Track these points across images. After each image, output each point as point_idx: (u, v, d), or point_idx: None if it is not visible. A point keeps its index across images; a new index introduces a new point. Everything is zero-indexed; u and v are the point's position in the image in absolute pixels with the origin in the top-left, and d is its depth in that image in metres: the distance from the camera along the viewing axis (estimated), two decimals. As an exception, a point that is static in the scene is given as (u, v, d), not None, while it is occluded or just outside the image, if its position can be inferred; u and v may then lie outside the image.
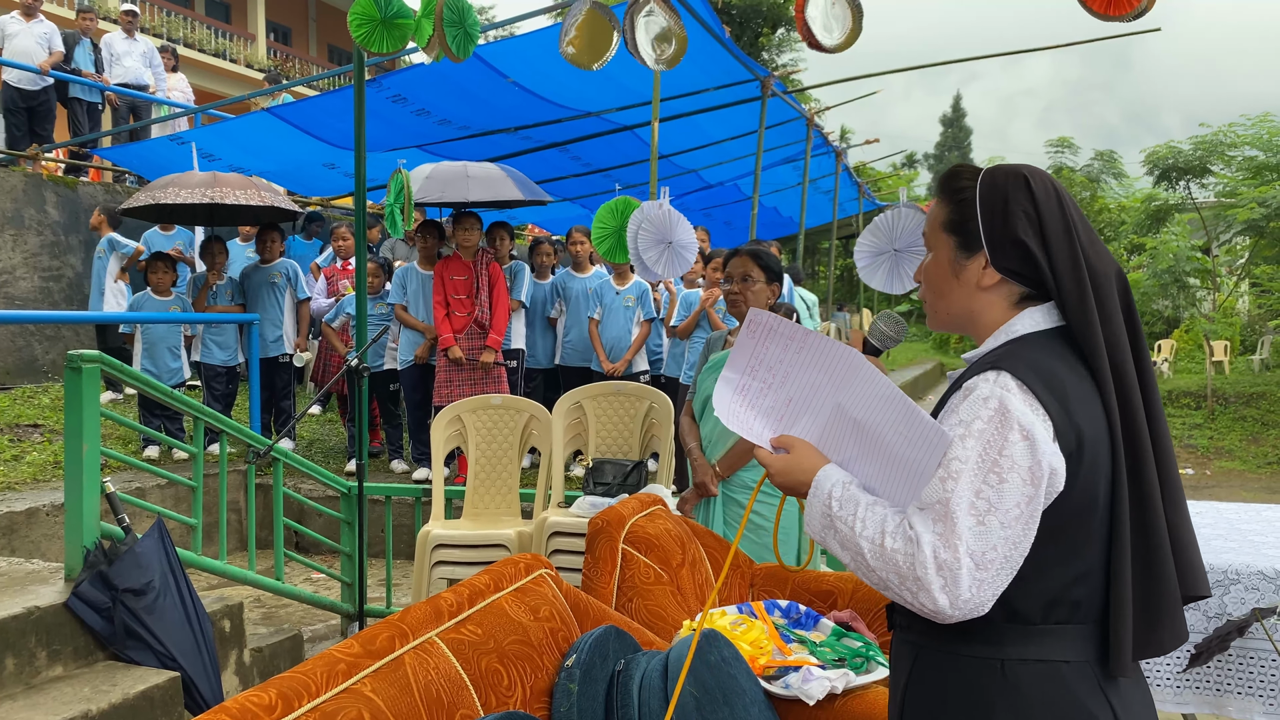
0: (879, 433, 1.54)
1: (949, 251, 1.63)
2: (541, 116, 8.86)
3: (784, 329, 1.68)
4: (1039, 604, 1.49)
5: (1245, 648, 3.03)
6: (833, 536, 1.52)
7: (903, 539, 1.44)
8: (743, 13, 25.44)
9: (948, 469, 1.44)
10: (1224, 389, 16.63)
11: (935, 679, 1.56)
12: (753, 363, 1.71)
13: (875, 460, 1.55)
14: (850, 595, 3.35)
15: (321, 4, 27.95)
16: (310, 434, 8.43)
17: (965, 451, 1.44)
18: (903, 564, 1.43)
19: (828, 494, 1.54)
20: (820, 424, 1.64)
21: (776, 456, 1.63)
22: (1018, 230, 1.56)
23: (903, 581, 1.43)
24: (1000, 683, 1.49)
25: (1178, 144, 19.03)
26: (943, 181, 1.68)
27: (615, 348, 7.04)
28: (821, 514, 1.54)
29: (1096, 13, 3.66)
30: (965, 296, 1.63)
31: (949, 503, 1.43)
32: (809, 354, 1.65)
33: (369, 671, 1.81)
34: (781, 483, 1.62)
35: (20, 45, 9.89)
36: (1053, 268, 1.55)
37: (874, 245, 4.37)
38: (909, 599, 1.44)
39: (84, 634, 3.57)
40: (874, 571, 1.47)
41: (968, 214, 1.60)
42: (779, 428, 1.68)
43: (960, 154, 54.75)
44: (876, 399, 1.55)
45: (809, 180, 11.79)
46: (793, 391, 1.67)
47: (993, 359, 1.53)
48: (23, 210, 9.01)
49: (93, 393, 3.68)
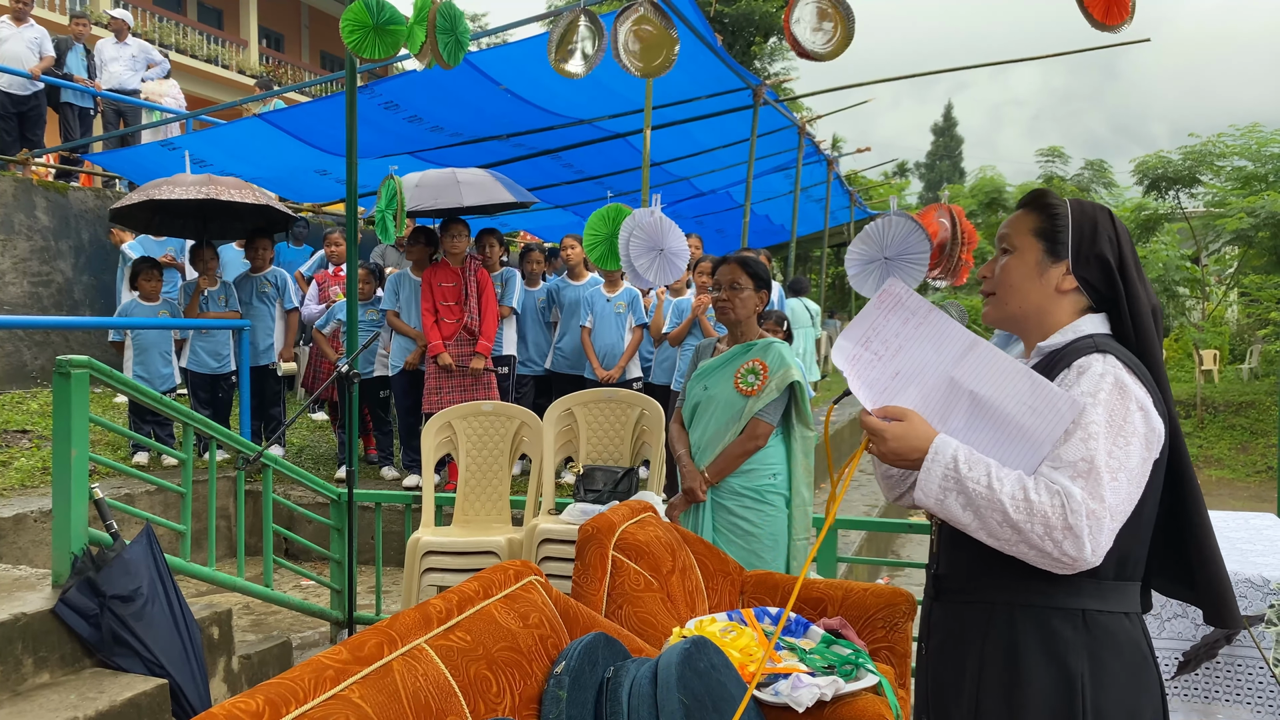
0: (998, 404, 1.69)
1: (1036, 254, 1.84)
2: (534, 123, 8.87)
3: (912, 302, 1.80)
4: (1113, 560, 1.68)
5: (1233, 655, 3.04)
6: (955, 498, 1.65)
7: (1048, 492, 1.59)
8: (735, 21, 25.48)
9: (1086, 430, 1.62)
10: (1213, 398, 16.70)
11: (1014, 635, 1.72)
12: (869, 334, 1.81)
13: (988, 429, 1.69)
14: (840, 602, 3.35)
15: (314, 10, 27.94)
16: (300, 440, 8.41)
17: (1096, 417, 1.63)
18: (1052, 514, 1.58)
19: (951, 457, 1.66)
20: (925, 397, 1.75)
21: (891, 424, 1.73)
22: (1103, 249, 1.80)
23: (1048, 532, 1.57)
24: (1082, 632, 1.68)
25: (1167, 154, 19.12)
26: (1033, 197, 1.89)
27: (608, 355, 7.04)
28: (944, 476, 1.66)
29: (1097, 21, 3.67)
30: (1041, 295, 1.83)
31: (1094, 459, 1.60)
32: (927, 329, 1.78)
33: (357, 678, 1.81)
34: (894, 448, 1.71)
35: (11, 50, 9.86)
36: (1127, 288, 1.79)
37: (865, 253, 4.38)
38: (1049, 548, 1.58)
39: (71, 641, 3.55)
40: (1012, 526, 1.60)
41: (1059, 226, 1.82)
42: (881, 399, 1.77)
43: (952, 163, 54.91)
44: (999, 372, 1.70)
45: (801, 189, 11.82)
46: (901, 365, 1.78)
47: (1092, 345, 1.73)
48: (12, 215, 8.97)
49: (81, 398, 3.66)
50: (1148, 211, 19.36)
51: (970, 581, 1.80)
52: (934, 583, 1.90)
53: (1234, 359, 19.97)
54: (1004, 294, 1.87)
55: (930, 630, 1.89)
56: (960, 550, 1.80)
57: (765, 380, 3.69)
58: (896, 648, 3.19)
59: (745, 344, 3.81)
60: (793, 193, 11.63)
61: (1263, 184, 18.19)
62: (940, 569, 1.88)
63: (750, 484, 3.72)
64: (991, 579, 1.75)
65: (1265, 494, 12.72)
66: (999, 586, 1.74)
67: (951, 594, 1.84)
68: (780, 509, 3.75)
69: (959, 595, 1.82)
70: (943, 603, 1.86)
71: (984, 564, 1.74)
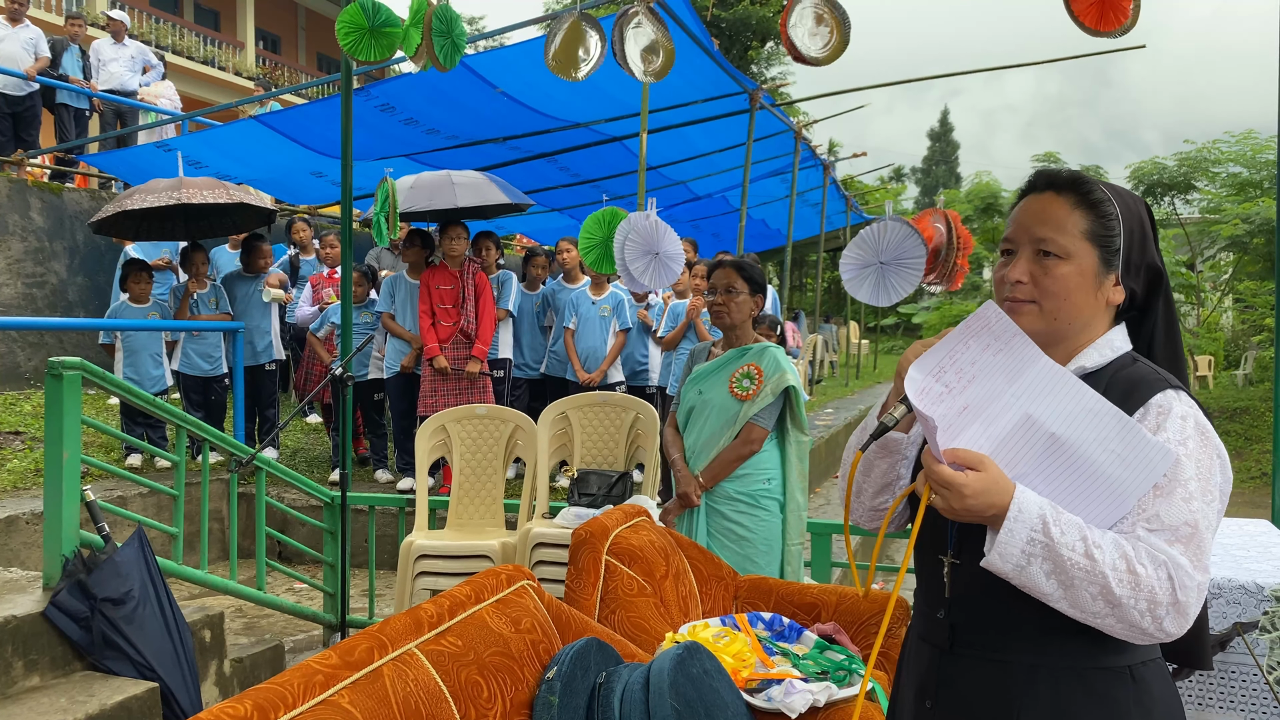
0: (1082, 449, 1.45)
1: (1094, 263, 1.58)
2: (530, 127, 8.86)
3: (999, 325, 1.53)
4: None
5: (1227, 662, 3.04)
6: (1041, 565, 1.39)
7: (1153, 564, 1.38)
8: (732, 26, 25.53)
9: (1187, 490, 1.42)
10: (1208, 404, 16.71)
11: (1057, 698, 1.50)
12: (944, 362, 1.54)
13: (1065, 477, 1.46)
14: (834, 608, 3.35)
15: (311, 12, 27.94)
16: (295, 443, 8.39)
17: (1190, 471, 1.43)
18: (1160, 590, 1.37)
19: (1038, 518, 1.40)
20: (992, 436, 1.49)
21: (970, 476, 1.42)
22: (1153, 256, 1.62)
23: (1152, 608, 1.37)
24: (1132, 689, 1.50)
25: (1162, 160, 19.17)
26: (1070, 185, 1.61)
27: (591, 357, 7.03)
28: (1029, 540, 1.39)
29: (1088, 28, 3.68)
30: (1093, 308, 1.60)
31: (1198, 524, 1.41)
32: (1006, 357, 1.52)
33: (347, 683, 1.80)
34: (971, 505, 1.41)
35: (6, 50, 9.84)
36: (1165, 292, 1.63)
37: (860, 258, 4.38)
38: (1147, 625, 1.38)
39: (62, 644, 3.53)
40: (1110, 600, 1.38)
41: (1112, 230, 1.59)
42: (944, 439, 1.48)
43: (948, 168, 55.01)
44: (1085, 413, 1.46)
45: (797, 193, 11.81)
46: (971, 398, 1.52)
47: (1157, 376, 1.54)
48: (6, 216, 8.95)
49: (74, 399, 3.65)
50: (1143, 217, 19.39)
51: (1001, 636, 1.54)
52: (946, 631, 1.61)
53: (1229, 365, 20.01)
54: (1054, 305, 1.58)
55: (937, 685, 1.62)
56: (991, 601, 1.54)
57: (760, 385, 3.68)
58: (891, 654, 3.18)
59: (740, 348, 3.81)
60: (789, 197, 11.64)
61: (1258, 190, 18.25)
62: (955, 617, 1.60)
63: (745, 489, 3.71)
64: (1027, 635, 1.52)
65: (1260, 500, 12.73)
66: (1036, 644, 1.52)
67: (973, 648, 1.57)
68: (775, 514, 3.74)
69: (984, 651, 1.56)
70: (958, 656, 1.59)
71: (1018, 618, 1.51)
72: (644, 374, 7.39)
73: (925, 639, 1.66)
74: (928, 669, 1.64)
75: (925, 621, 1.67)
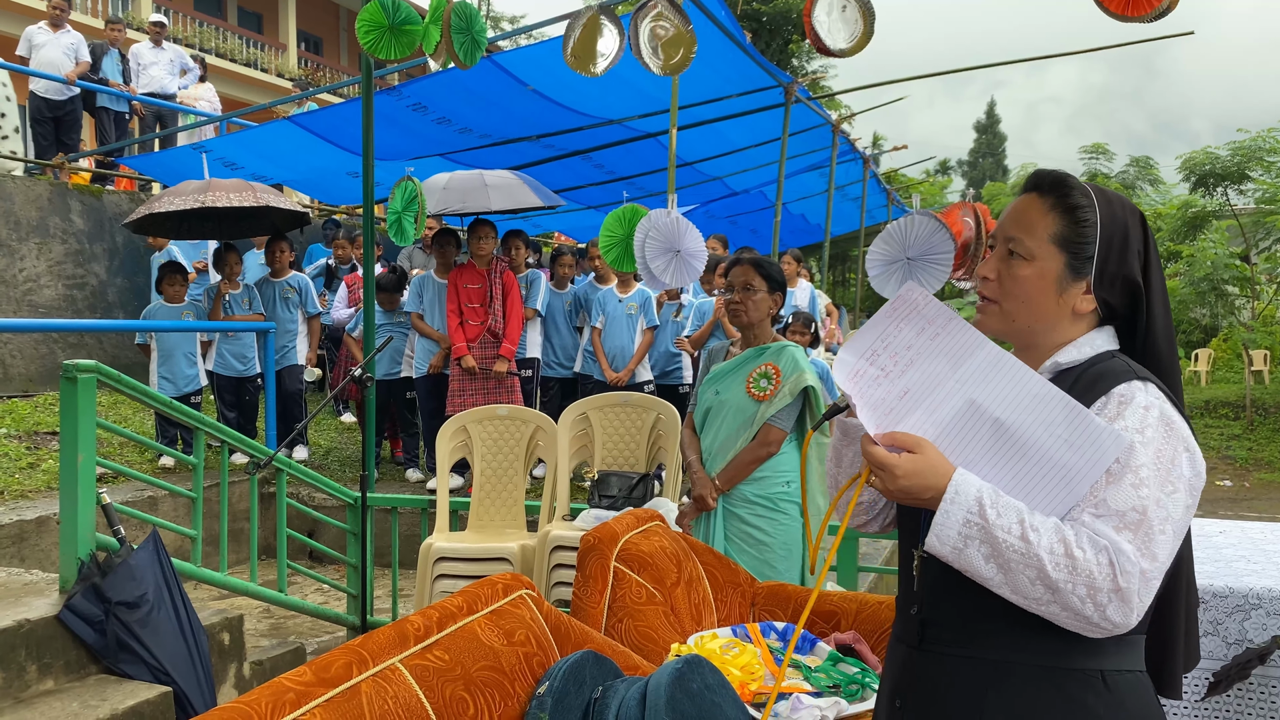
0: (1027, 434, 1.43)
1: (1058, 268, 1.55)
2: (562, 124, 8.80)
3: (930, 309, 1.52)
4: None
5: (1267, 676, 2.89)
6: (978, 548, 1.39)
7: (1093, 548, 1.36)
8: (772, 20, 25.32)
9: (1138, 475, 1.39)
10: (1264, 399, 16.28)
11: (1025, 699, 1.47)
12: (876, 345, 1.54)
13: (1012, 463, 1.44)
14: (854, 616, 3.24)
15: (352, 14, 28.10)
16: (329, 442, 8.41)
17: (1145, 458, 1.40)
18: (1099, 575, 1.35)
19: (974, 500, 1.40)
20: (936, 421, 1.49)
21: (903, 457, 1.44)
22: (1132, 269, 1.55)
23: (1092, 594, 1.35)
24: (1103, 696, 1.45)
25: (1215, 150, 18.66)
26: (1052, 187, 1.57)
27: (619, 356, 6.95)
28: (964, 523, 1.39)
29: (1114, 13, 3.53)
30: (1056, 315, 1.56)
31: (1145, 510, 1.38)
32: (944, 341, 1.51)
33: (319, 701, 1.73)
34: (904, 485, 1.44)
35: (47, 55, 9.98)
36: (1149, 308, 1.55)
37: (887, 254, 4.27)
38: (1089, 612, 1.35)
39: (76, 647, 3.53)
40: (1047, 585, 1.36)
41: (1085, 236, 1.54)
42: (885, 423, 1.50)
43: (995, 160, 54.24)
44: (1029, 397, 1.44)
45: (835, 187, 11.65)
46: (911, 383, 1.51)
47: (1127, 369, 1.49)
48: (47, 219, 9.08)
49: (88, 403, 3.64)
50: (1195, 209, 18.92)
51: (967, 632, 1.52)
52: (917, 628, 1.58)
53: (1286, 359, 19.43)
54: (1012, 307, 1.57)
55: (910, 684, 1.59)
56: (957, 594, 1.51)
57: (778, 385, 3.58)
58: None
59: (758, 348, 3.70)
60: (827, 191, 11.48)
61: (1316, 180, 17.71)
62: (926, 612, 1.57)
63: (763, 492, 3.61)
64: (995, 631, 1.49)
65: (1316, 500, 12.35)
66: (1005, 641, 1.48)
67: (942, 644, 1.55)
68: (794, 517, 3.64)
69: (951, 646, 1.53)
70: (927, 653, 1.56)
71: (986, 613, 1.48)
72: (676, 372, 7.30)
73: (900, 638, 1.64)
74: (901, 668, 1.62)
75: (901, 619, 1.65)
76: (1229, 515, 10.22)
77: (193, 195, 6.62)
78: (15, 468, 6.41)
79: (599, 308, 7.08)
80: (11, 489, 6.04)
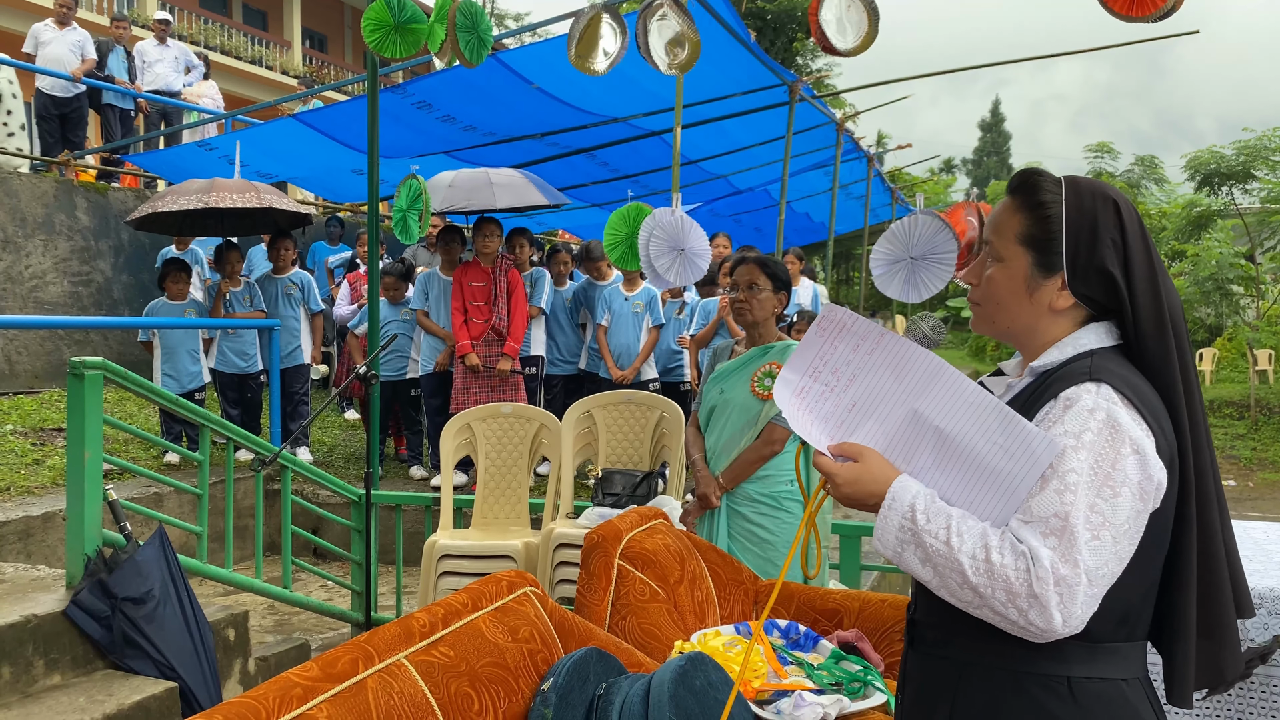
0: (966, 442, 1.46)
1: (1024, 267, 1.55)
2: (567, 122, 8.79)
3: (859, 327, 1.57)
4: (1110, 621, 1.45)
5: (1268, 675, 2.90)
6: (914, 552, 1.44)
7: (1013, 554, 1.37)
8: (777, 18, 25.32)
9: (1064, 481, 1.39)
10: (1268, 399, 16.26)
11: (989, 700, 1.49)
12: (816, 363, 1.59)
13: (957, 471, 1.47)
14: (857, 614, 3.25)
15: (357, 11, 28.11)
16: (332, 440, 8.43)
17: (1078, 464, 1.39)
18: (1015, 580, 1.36)
19: (909, 506, 1.45)
20: (886, 432, 1.54)
21: (844, 466, 1.51)
22: (1105, 260, 1.51)
23: (1011, 599, 1.36)
24: (1067, 703, 1.45)
25: (1220, 149, 18.63)
26: (1020, 187, 1.58)
27: (624, 355, 6.96)
28: (900, 527, 1.45)
29: (1117, 13, 3.53)
30: (1032, 315, 1.57)
31: (1068, 516, 1.37)
32: (882, 355, 1.55)
33: (326, 697, 1.75)
34: (848, 493, 1.51)
35: (53, 53, 9.99)
36: (1133, 300, 1.51)
37: (890, 253, 4.28)
38: (1014, 617, 1.37)
39: (83, 643, 3.55)
40: (972, 589, 1.39)
41: (1051, 232, 1.53)
42: (838, 435, 1.56)
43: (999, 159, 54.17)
44: (965, 406, 1.47)
45: (840, 186, 11.63)
46: (857, 396, 1.56)
47: (1085, 370, 1.47)
48: (53, 216, 9.10)
49: (95, 399, 3.66)
50: (1200, 208, 18.90)
51: (944, 632, 1.56)
52: (910, 628, 1.66)
53: (1290, 359, 19.39)
54: (990, 309, 1.60)
55: (903, 681, 1.68)
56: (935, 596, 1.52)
57: (782, 384, 3.58)
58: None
59: (763, 346, 3.72)
60: (831, 190, 11.47)
61: (1321, 180, 17.69)
62: (917, 614, 1.63)
63: (766, 490, 3.62)
64: (966, 633, 1.50)
65: (1320, 499, 12.34)
66: (975, 643, 1.51)
67: (926, 643, 1.61)
68: (798, 516, 3.65)
69: (934, 646, 1.59)
70: (916, 651, 1.63)
71: (957, 614, 1.48)
72: (678, 370, 7.31)
73: (906, 637, 1.70)
74: (901, 666, 1.71)
75: (907, 619, 1.70)
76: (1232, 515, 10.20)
77: (196, 195, 6.64)
78: (22, 464, 6.43)
79: (605, 305, 7.10)
80: (18, 485, 6.06)
